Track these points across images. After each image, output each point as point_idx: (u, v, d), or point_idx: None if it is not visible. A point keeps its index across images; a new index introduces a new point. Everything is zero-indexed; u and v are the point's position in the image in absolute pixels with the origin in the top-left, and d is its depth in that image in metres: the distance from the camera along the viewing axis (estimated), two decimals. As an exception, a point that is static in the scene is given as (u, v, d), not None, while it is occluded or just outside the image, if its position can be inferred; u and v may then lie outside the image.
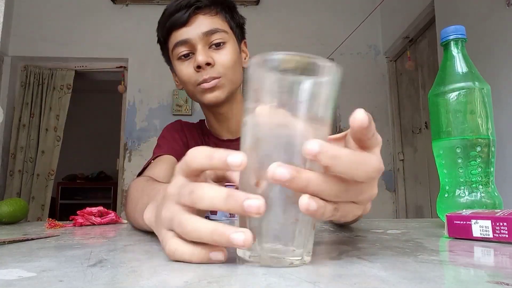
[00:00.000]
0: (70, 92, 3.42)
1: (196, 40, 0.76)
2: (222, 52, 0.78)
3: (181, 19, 0.77)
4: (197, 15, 0.77)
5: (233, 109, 0.84)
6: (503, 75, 1.82)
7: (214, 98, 0.78)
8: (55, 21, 3.43)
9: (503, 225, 0.39)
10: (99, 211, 0.67)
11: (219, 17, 0.80)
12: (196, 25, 0.77)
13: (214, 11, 0.79)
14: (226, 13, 0.81)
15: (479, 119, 0.53)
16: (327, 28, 3.47)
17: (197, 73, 0.77)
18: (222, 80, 0.77)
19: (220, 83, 0.77)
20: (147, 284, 0.23)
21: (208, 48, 0.77)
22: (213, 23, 0.78)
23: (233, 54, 0.79)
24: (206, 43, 0.77)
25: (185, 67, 0.78)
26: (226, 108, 0.83)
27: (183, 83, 0.81)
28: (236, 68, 0.80)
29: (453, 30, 0.57)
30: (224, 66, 0.77)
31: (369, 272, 0.26)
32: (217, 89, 0.77)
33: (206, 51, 0.77)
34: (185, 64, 0.79)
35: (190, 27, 0.77)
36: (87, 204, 0.70)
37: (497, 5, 1.87)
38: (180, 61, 0.79)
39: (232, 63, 0.78)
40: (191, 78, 0.78)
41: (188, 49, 0.78)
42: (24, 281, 0.24)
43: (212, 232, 0.28)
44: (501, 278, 0.25)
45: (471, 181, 0.53)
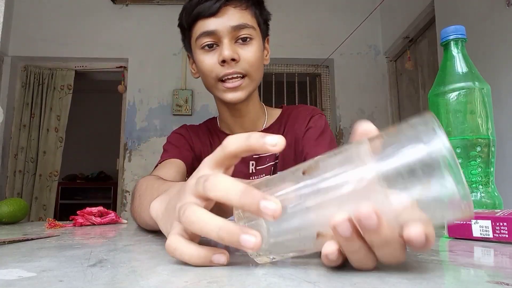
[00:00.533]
0: (71, 93, 3.42)
1: (224, 33, 0.74)
2: (248, 49, 0.76)
3: (210, 8, 0.74)
4: (227, 6, 0.75)
5: (250, 106, 0.83)
6: (503, 75, 1.82)
7: (235, 98, 0.76)
8: (55, 21, 3.43)
9: (503, 225, 0.39)
10: (99, 211, 0.67)
11: (248, 11, 0.77)
12: (226, 17, 0.74)
13: (244, 5, 0.77)
14: (255, 8, 0.79)
15: (479, 119, 0.53)
16: (327, 28, 3.47)
17: (220, 66, 0.75)
18: (246, 81, 0.76)
19: (244, 84, 0.76)
20: (147, 284, 0.23)
21: (234, 43, 0.75)
22: (243, 18, 0.76)
23: (258, 51, 0.78)
24: (233, 37, 0.75)
25: (208, 58, 0.76)
26: (243, 105, 0.81)
27: (203, 74, 0.79)
28: (259, 65, 0.79)
29: (453, 30, 0.57)
30: (249, 63, 0.76)
31: (369, 272, 0.26)
32: (240, 90, 0.76)
33: (232, 46, 0.74)
34: (208, 55, 0.76)
35: (219, 18, 0.74)
36: (87, 204, 0.70)
37: (497, 5, 1.87)
38: (203, 51, 0.76)
39: (257, 61, 0.77)
40: (213, 71, 0.75)
41: (213, 40, 0.75)
42: (24, 281, 0.24)
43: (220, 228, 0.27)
44: (501, 278, 0.25)
45: (471, 181, 0.53)
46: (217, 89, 0.78)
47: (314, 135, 0.82)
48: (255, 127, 0.86)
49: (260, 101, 0.89)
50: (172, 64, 3.37)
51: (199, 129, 0.92)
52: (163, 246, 0.39)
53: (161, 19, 3.45)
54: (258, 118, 0.87)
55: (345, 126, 3.36)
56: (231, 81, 0.75)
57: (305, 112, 0.86)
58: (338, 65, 3.42)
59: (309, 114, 0.86)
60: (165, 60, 3.39)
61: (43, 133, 3.33)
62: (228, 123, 0.87)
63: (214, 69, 0.75)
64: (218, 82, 0.76)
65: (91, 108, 5.23)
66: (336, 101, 3.38)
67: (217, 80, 0.76)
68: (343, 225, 0.24)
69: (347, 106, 3.37)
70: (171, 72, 3.37)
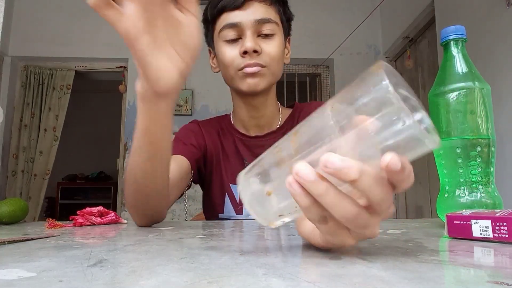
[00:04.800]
0: (70, 92, 3.42)
1: (248, 26, 0.75)
2: (270, 43, 0.77)
3: (236, 1, 0.75)
4: (252, 1, 0.76)
5: (267, 103, 0.84)
6: (503, 75, 1.82)
7: (254, 84, 0.76)
8: (55, 21, 3.43)
9: (503, 225, 0.39)
10: (99, 211, 0.67)
11: (273, 7, 0.79)
12: (250, 11, 0.76)
13: (269, 0, 0.78)
14: (279, 5, 0.81)
15: (479, 119, 0.53)
16: (327, 28, 3.47)
17: (241, 58, 0.76)
18: (265, 70, 0.77)
19: (263, 72, 0.77)
20: (147, 284, 0.23)
21: (256, 36, 0.77)
22: (267, 13, 0.77)
23: (280, 46, 0.79)
24: (256, 31, 0.76)
25: (230, 50, 0.77)
26: (260, 100, 0.82)
27: (224, 66, 0.79)
28: (279, 61, 0.80)
29: (453, 30, 0.57)
30: (270, 56, 0.77)
31: (369, 272, 0.26)
32: (258, 77, 0.76)
33: (255, 39, 0.76)
34: (231, 47, 0.77)
35: (243, 11, 0.76)
36: (87, 204, 0.70)
37: (497, 5, 1.87)
38: (225, 43, 0.78)
39: (278, 55, 0.78)
40: (234, 62, 0.77)
41: (237, 33, 0.76)
42: (24, 281, 0.24)
43: None
44: (501, 278, 0.25)
45: (471, 181, 0.53)
46: (236, 78, 0.78)
47: None
48: (270, 127, 0.87)
49: (277, 103, 0.89)
50: (172, 64, 3.37)
51: (211, 126, 0.91)
52: (163, 246, 0.39)
53: (161, 19, 3.45)
54: (273, 118, 0.88)
55: (345, 126, 3.36)
56: (250, 68, 0.75)
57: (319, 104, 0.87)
58: (338, 65, 3.43)
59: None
60: (165, 60, 3.38)
61: (41, 133, 3.33)
62: (243, 120, 0.87)
63: (236, 60, 0.76)
64: (237, 72, 0.77)
65: (91, 108, 5.24)
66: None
67: (237, 70, 0.77)
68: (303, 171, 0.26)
69: (347, 106, 3.36)
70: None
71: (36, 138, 3.33)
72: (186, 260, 0.31)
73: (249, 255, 0.33)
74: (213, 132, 0.89)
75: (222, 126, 0.91)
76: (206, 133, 0.88)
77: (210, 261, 0.30)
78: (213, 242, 0.41)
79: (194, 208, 2.92)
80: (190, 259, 0.31)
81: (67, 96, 3.41)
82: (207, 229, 0.54)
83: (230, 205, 0.84)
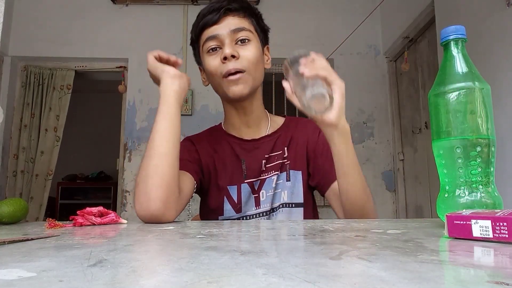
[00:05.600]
0: (70, 93, 3.42)
1: (225, 36, 0.86)
2: (246, 48, 0.87)
3: (212, 19, 0.87)
4: (227, 16, 0.88)
5: (253, 105, 0.93)
6: (503, 75, 1.82)
7: (238, 91, 0.86)
8: (55, 21, 3.43)
9: (503, 225, 0.39)
10: (99, 211, 0.67)
11: (246, 19, 0.90)
12: (225, 23, 0.87)
13: (242, 14, 0.90)
14: (252, 17, 0.92)
15: (479, 119, 0.53)
16: (327, 28, 3.47)
17: (222, 64, 0.85)
18: (246, 75, 0.86)
19: (244, 78, 0.86)
20: (147, 284, 0.23)
21: (234, 44, 0.87)
22: (241, 23, 0.88)
23: (256, 51, 0.89)
24: (233, 39, 0.87)
25: (213, 60, 0.88)
26: (247, 103, 0.92)
27: (209, 75, 0.90)
28: (258, 64, 0.89)
29: (453, 30, 0.57)
30: (248, 60, 0.86)
31: (369, 272, 0.26)
32: (241, 83, 0.86)
33: (232, 46, 0.86)
34: (212, 57, 0.88)
35: (220, 25, 0.87)
36: (87, 204, 0.70)
37: (497, 5, 1.87)
38: (208, 54, 0.89)
39: (255, 59, 0.88)
40: (217, 69, 0.87)
41: (217, 43, 0.87)
42: (24, 281, 0.24)
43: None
44: (501, 278, 0.25)
45: (471, 181, 0.53)
46: (222, 86, 0.88)
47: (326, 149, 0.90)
48: (259, 127, 0.96)
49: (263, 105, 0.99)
50: (172, 64, 3.37)
51: (202, 139, 0.98)
52: (163, 246, 0.39)
53: (161, 19, 3.45)
54: (261, 119, 0.97)
55: (345, 126, 3.36)
56: (232, 76, 0.85)
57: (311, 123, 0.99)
58: (338, 65, 3.42)
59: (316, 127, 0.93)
60: (165, 60, 3.38)
61: (42, 133, 3.33)
62: (233, 123, 0.96)
63: (218, 67, 0.86)
64: (222, 79, 0.87)
65: (91, 108, 5.23)
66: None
67: (222, 77, 0.86)
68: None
69: (347, 106, 3.32)
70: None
71: (36, 138, 3.33)
72: (186, 260, 0.31)
73: (249, 255, 0.33)
74: (205, 144, 0.96)
75: (215, 135, 0.98)
76: (199, 147, 0.95)
77: (210, 261, 0.30)
78: (213, 242, 0.41)
79: (194, 208, 2.93)
80: (190, 259, 0.31)
81: (68, 96, 3.41)
82: (207, 229, 0.54)
83: (229, 206, 0.91)
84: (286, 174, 0.92)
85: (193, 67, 1.10)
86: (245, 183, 0.91)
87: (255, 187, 0.91)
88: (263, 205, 0.90)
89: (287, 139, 0.95)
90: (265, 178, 0.91)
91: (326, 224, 0.60)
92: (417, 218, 0.96)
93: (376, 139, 3.39)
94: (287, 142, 0.95)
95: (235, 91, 0.86)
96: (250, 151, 0.93)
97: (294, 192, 0.91)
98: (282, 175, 0.92)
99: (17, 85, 3.39)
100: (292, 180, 0.92)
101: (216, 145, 0.95)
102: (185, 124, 4.02)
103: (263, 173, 0.92)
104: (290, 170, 0.92)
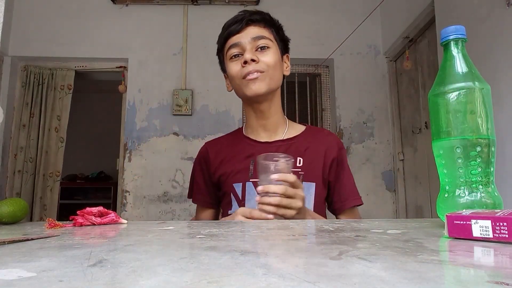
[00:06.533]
0: (71, 93, 3.42)
1: (246, 43, 0.95)
2: (266, 53, 0.95)
3: (235, 28, 0.97)
4: (249, 26, 0.97)
5: (271, 109, 1.00)
6: (503, 75, 1.82)
7: (255, 89, 0.93)
8: (55, 21, 3.42)
9: (503, 225, 0.39)
10: (99, 211, 0.67)
11: (266, 29, 0.98)
12: (247, 32, 0.96)
13: (263, 24, 0.98)
14: (272, 28, 1.00)
15: (479, 119, 0.53)
16: (327, 28, 3.47)
17: (243, 68, 0.93)
18: (264, 75, 0.93)
19: (262, 77, 0.93)
20: (147, 284, 0.23)
21: (254, 51, 0.95)
22: (261, 32, 0.97)
23: (275, 56, 0.96)
24: (254, 47, 0.95)
25: (235, 65, 0.96)
26: (265, 106, 0.98)
27: (231, 79, 0.98)
28: (276, 68, 0.96)
29: (453, 30, 0.57)
30: (266, 63, 0.94)
31: (369, 272, 0.26)
32: (258, 81, 0.93)
33: (252, 52, 0.94)
34: (234, 62, 0.96)
35: (242, 34, 0.96)
36: (87, 204, 0.70)
37: (497, 5, 1.87)
38: (231, 60, 0.97)
39: (273, 63, 0.95)
40: (238, 73, 0.95)
41: (239, 50, 0.96)
42: (24, 281, 0.24)
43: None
44: (501, 278, 0.25)
45: (471, 181, 0.53)
46: (242, 86, 0.95)
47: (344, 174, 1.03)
48: (276, 132, 1.03)
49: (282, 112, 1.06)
50: (172, 64, 3.37)
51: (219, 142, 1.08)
52: (163, 246, 0.39)
53: (161, 19, 3.45)
54: (279, 124, 1.03)
55: (345, 126, 3.36)
56: (251, 74, 0.93)
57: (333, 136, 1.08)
58: (338, 65, 3.42)
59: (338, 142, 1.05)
60: (165, 60, 3.39)
61: (43, 133, 3.33)
62: (252, 125, 1.03)
63: (239, 71, 0.95)
64: (242, 80, 0.94)
65: (91, 108, 5.23)
66: (336, 101, 3.38)
67: (241, 78, 0.94)
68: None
69: (347, 106, 3.37)
70: (171, 72, 3.37)
71: (36, 138, 3.33)
72: (186, 260, 0.31)
73: (249, 255, 0.33)
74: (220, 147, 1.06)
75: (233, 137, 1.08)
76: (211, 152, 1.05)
77: (210, 261, 0.30)
78: (213, 242, 0.41)
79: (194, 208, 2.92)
80: (190, 259, 0.31)
81: (69, 96, 3.40)
82: (207, 229, 0.54)
83: (235, 202, 0.97)
84: None
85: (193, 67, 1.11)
86: (250, 181, 0.96)
87: None
88: None
89: (303, 148, 0.99)
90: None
91: (326, 224, 0.60)
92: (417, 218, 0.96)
93: (376, 139, 3.38)
94: (303, 152, 0.98)
95: (252, 88, 0.93)
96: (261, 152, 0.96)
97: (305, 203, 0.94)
98: None
99: (17, 85, 3.39)
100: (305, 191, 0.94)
101: (232, 147, 1.04)
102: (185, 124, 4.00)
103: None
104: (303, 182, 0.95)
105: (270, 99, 0.98)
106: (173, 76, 3.36)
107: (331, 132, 1.08)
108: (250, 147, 1.01)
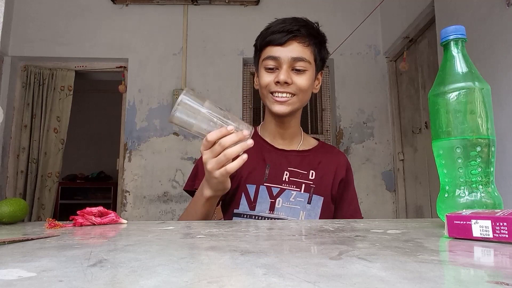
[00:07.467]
0: (72, 94, 3.42)
1: (285, 61, 0.92)
2: (301, 77, 0.93)
3: (280, 39, 0.92)
4: (293, 41, 0.92)
5: (292, 121, 1.01)
6: (503, 75, 1.82)
7: (280, 110, 0.94)
8: (55, 21, 3.42)
9: (503, 225, 0.39)
10: (99, 211, 0.67)
11: (309, 48, 0.94)
12: (289, 49, 0.92)
13: (307, 42, 0.94)
14: (316, 47, 0.96)
15: (479, 119, 0.53)
16: (327, 28, 3.44)
17: (274, 85, 0.92)
18: (294, 99, 0.93)
19: (291, 101, 0.93)
20: (147, 284, 0.23)
21: (290, 70, 0.92)
22: (303, 52, 0.93)
23: (309, 80, 0.94)
24: (291, 66, 0.92)
25: (267, 76, 0.94)
26: (287, 119, 0.99)
27: (260, 86, 0.98)
28: (307, 91, 0.96)
29: (453, 30, 0.57)
30: (299, 88, 0.93)
31: (369, 272, 0.26)
32: (286, 104, 0.93)
33: (288, 72, 0.92)
34: (268, 73, 0.94)
35: (284, 48, 0.92)
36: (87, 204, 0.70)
37: (497, 5, 1.87)
38: (265, 70, 0.95)
39: (306, 87, 0.94)
40: (268, 86, 0.94)
41: (275, 64, 0.93)
42: (24, 281, 0.24)
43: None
44: (501, 278, 0.25)
45: (471, 181, 0.53)
46: (268, 100, 0.96)
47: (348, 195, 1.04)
48: (292, 142, 1.04)
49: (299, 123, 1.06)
50: (172, 64, 3.37)
51: None
52: (163, 246, 0.39)
53: (161, 19, 3.45)
54: (296, 135, 1.04)
55: (345, 126, 3.36)
56: (281, 95, 0.93)
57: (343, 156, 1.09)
58: (338, 65, 3.42)
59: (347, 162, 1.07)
60: (165, 60, 3.39)
61: (43, 134, 3.33)
62: (270, 131, 1.03)
63: (270, 85, 0.94)
64: (269, 94, 0.94)
65: (91, 108, 5.23)
66: (336, 101, 3.38)
67: (269, 92, 0.94)
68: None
69: (347, 106, 3.37)
70: (171, 72, 3.37)
71: (38, 139, 3.33)
72: (186, 260, 0.31)
73: (249, 255, 0.33)
74: None
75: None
76: None
77: (210, 261, 0.30)
78: (213, 242, 0.41)
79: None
80: (190, 259, 0.31)
81: (70, 98, 3.40)
82: (207, 229, 0.54)
83: (245, 202, 0.96)
84: (308, 197, 0.96)
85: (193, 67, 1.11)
86: (264, 185, 0.96)
87: (273, 193, 0.96)
88: (277, 212, 0.94)
89: (316, 162, 1.01)
90: (285, 188, 0.96)
91: (326, 224, 0.60)
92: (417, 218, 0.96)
93: (376, 139, 3.38)
94: (316, 166, 1.00)
95: (278, 110, 0.93)
96: (277, 159, 0.99)
97: (312, 215, 0.96)
98: (305, 195, 0.96)
99: (17, 85, 3.39)
100: (313, 204, 0.96)
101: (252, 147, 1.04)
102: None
103: (284, 183, 0.97)
104: (314, 194, 0.96)
105: (293, 115, 0.98)
106: (173, 76, 3.36)
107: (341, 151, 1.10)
108: (267, 151, 1.01)
